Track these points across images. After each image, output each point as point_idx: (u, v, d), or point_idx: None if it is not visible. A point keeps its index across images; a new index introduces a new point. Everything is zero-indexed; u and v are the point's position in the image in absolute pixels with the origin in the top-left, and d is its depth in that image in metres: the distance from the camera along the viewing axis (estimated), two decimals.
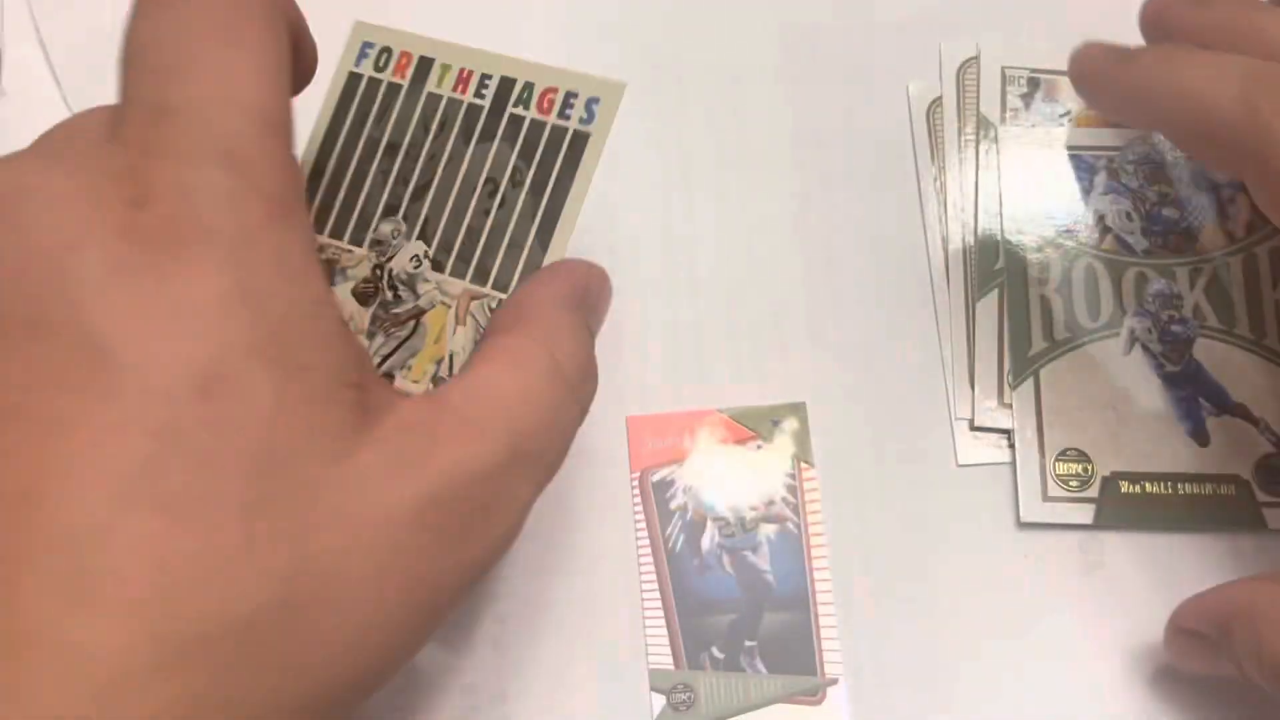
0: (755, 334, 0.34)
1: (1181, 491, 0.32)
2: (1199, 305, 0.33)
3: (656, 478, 0.33)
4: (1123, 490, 0.32)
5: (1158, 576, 0.32)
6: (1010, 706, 0.31)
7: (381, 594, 0.21)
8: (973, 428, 0.33)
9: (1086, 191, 0.35)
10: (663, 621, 0.32)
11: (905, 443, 0.33)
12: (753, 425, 0.33)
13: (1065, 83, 0.33)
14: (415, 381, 0.27)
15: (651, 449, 0.33)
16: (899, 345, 0.34)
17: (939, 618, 0.32)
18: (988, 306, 0.34)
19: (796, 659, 0.31)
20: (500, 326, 0.26)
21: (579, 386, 0.25)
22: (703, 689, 0.31)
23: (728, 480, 0.33)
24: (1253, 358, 0.33)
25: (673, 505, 0.32)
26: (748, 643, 0.31)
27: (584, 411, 0.26)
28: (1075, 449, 0.32)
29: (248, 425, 0.20)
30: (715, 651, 0.31)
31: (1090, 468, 0.32)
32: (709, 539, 0.32)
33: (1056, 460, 0.32)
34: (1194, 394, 0.33)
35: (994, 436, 0.33)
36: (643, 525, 0.32)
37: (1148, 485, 0.32)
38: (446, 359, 0.27)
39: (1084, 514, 0.32)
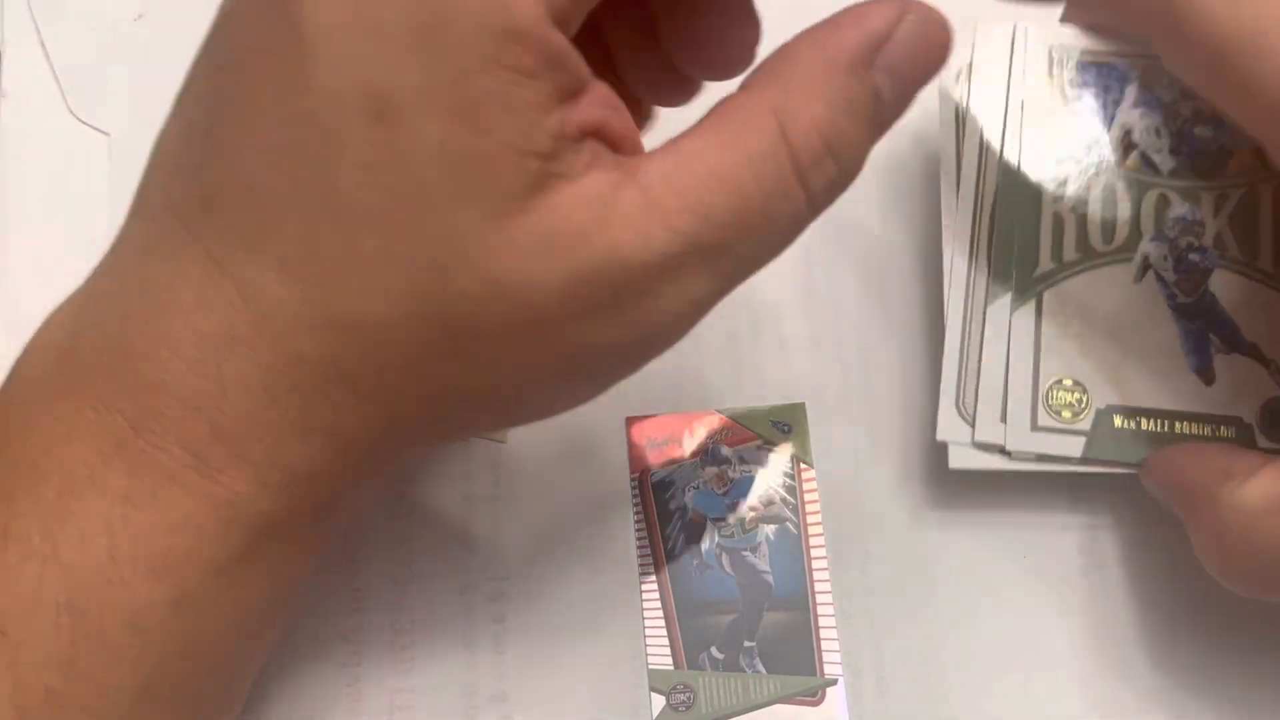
0: (755, 334, 0.34)
1: (1178, 431, 0.30)
2: (1221, 234, 0.31)
3: (656, 478, 0.33)
4: (1116, 425, 0.30)
5: (1158, 578, 0.32)
6: (1010, 707, 0.31)
7: (515, 353, 0.22)
8: (973, 444, 0.30)
9: (1116, 103, 0.31)
10: (662, 622, 0.32)
11: (904, 442, 0.33)
12: (752, 426, 0.33)
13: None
14: None
15: (651, 450, 0.33)
16: (898, 345, 0.34)
17: (938, 618, 0.32)
18: (999, 314, 0.31)
19: (795, 659, 0.31)
20: (746, 82, 0.23)
21: (811, 170, 0.22)
22: (702, 689, 0.31)
23: (727, 481, 0.33)
24: (1271, 294, 0.31)
25: (672, 506, 0.32)
26: (747, 643, 0.31)
27: (817, 203, 0.23)
28: (1072, 378, 0.30)
29: (410, 158, 0.21)
30: (714, 652, 0.31)
31: (1085, 398, 0.30)
32: (708, 539, 0.32)
33: (1051, 388, 0.30)
34: (1205, 328, 0.31)
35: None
36: (642, 526, 0.32)
37: (1144, 422, 0.30)
38: None
39: (1073, 446, 0.30)
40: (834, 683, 0.31)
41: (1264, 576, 0.26)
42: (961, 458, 0.30)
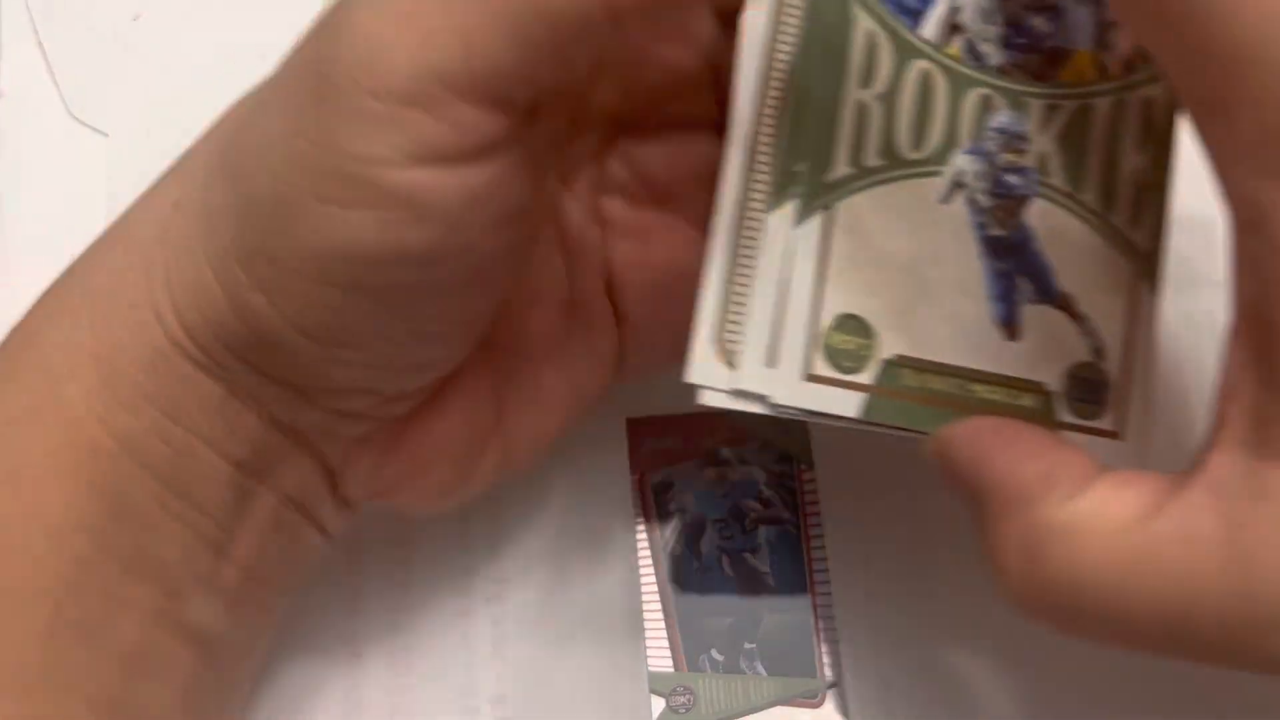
0: None
1: (973, 394, 0.26)
2: (1046, 155, 0.26)
3: (656, 480, 0.33)
4: (904, 381, 0.26)
5: None
6: (1011, 709, 0.31)
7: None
8: (732, 391, 0.25)
9: None
10: (662, 624, 0.31)
11: (903, 444, 0.33)
12: (752, 427, 0.33)
13: None
14: None
15: (651, 451, 0.33)
16: None
17: (939, 619, 0.32)
18: (780, 225, 0.25)
19: (796, 661, 0.31)
20: None
21: None
22: (702, 691, 0.31)
23: (727, 482, 0.33)
24: (1092, 236, 0.26)
25: (672, 507, 0.32)
26: (747, 645, 0.31)
27: None
28: (857, 317, 0.25)
29: None
30: (715, 654, 0.31)
31: (870, 345, 0.25)
32: (708, 541, 0.32)
33: (832, 329, 0.25)
34: (1015, 270, 0.26)
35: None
36: (642, 528, 0.32)
37: (934, 380, 0.26)
38: None
39: (850, 404, 0.25)
40: (834, 684, 0.31)
41: (1081, 616, 0.21)
42: (714, 398, 0.25)
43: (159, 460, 0.24)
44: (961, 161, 0.26)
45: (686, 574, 0.32)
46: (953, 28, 0.26)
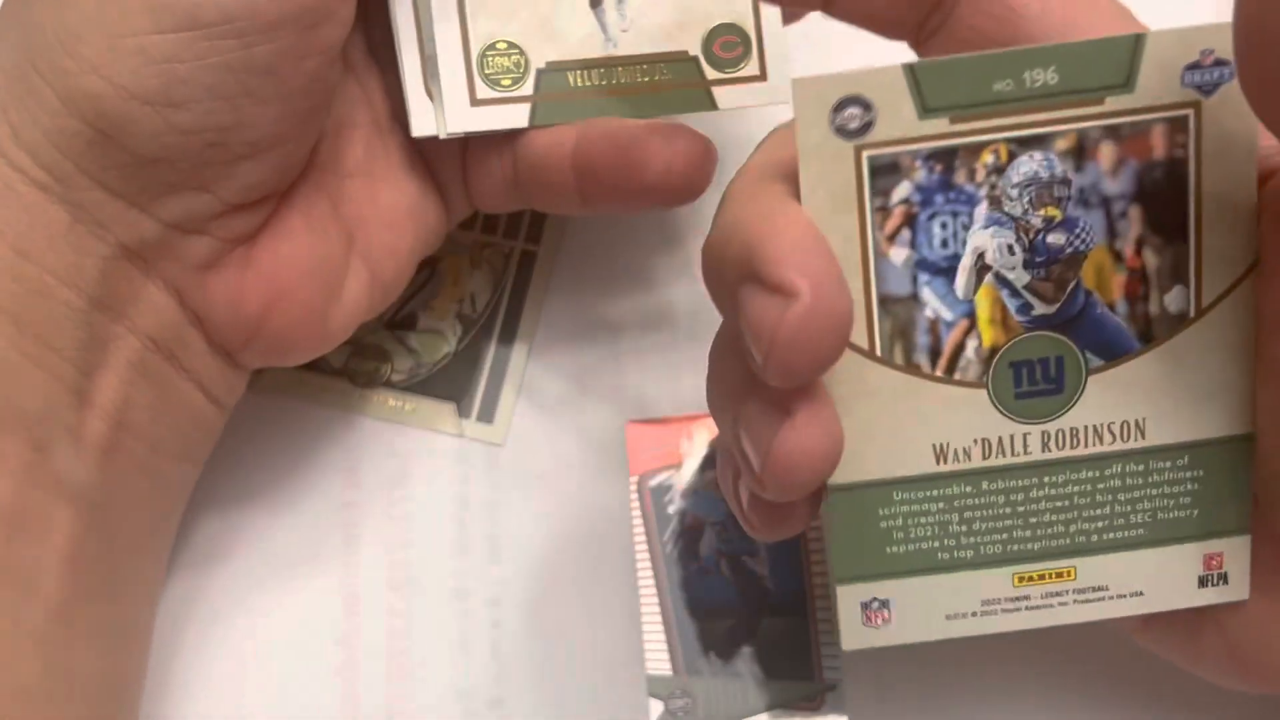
0: None
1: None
2: None
3: (654, 483, 0.33)
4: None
5: None
6: (1008, 711, 0.31)
7: None
8: (446, 135, 0.28)
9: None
10: (660, 627, 0.31)
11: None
12: None
13: None
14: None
15: (650, 454, 0.33)
16: None
17: None
18: None
19: (794, 665, 0.31)
20: None
21: None
22: (700, 695, 0.31)
23: None
24: None
25: (671, 510, 0.32)
26: (746, 648, 0.31)
27: None
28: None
29: None
30: (713, 657, 0.31)
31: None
32: (707, 544, 0.32)
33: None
34: None
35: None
36: (641, 530, 0.32)
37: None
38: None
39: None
40: (833, 688, 0.31)
41: None
42: (434, 129, 0.29)
43: (11, 301, 0.25)
44: None
45: (685, 577, 0.32)
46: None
